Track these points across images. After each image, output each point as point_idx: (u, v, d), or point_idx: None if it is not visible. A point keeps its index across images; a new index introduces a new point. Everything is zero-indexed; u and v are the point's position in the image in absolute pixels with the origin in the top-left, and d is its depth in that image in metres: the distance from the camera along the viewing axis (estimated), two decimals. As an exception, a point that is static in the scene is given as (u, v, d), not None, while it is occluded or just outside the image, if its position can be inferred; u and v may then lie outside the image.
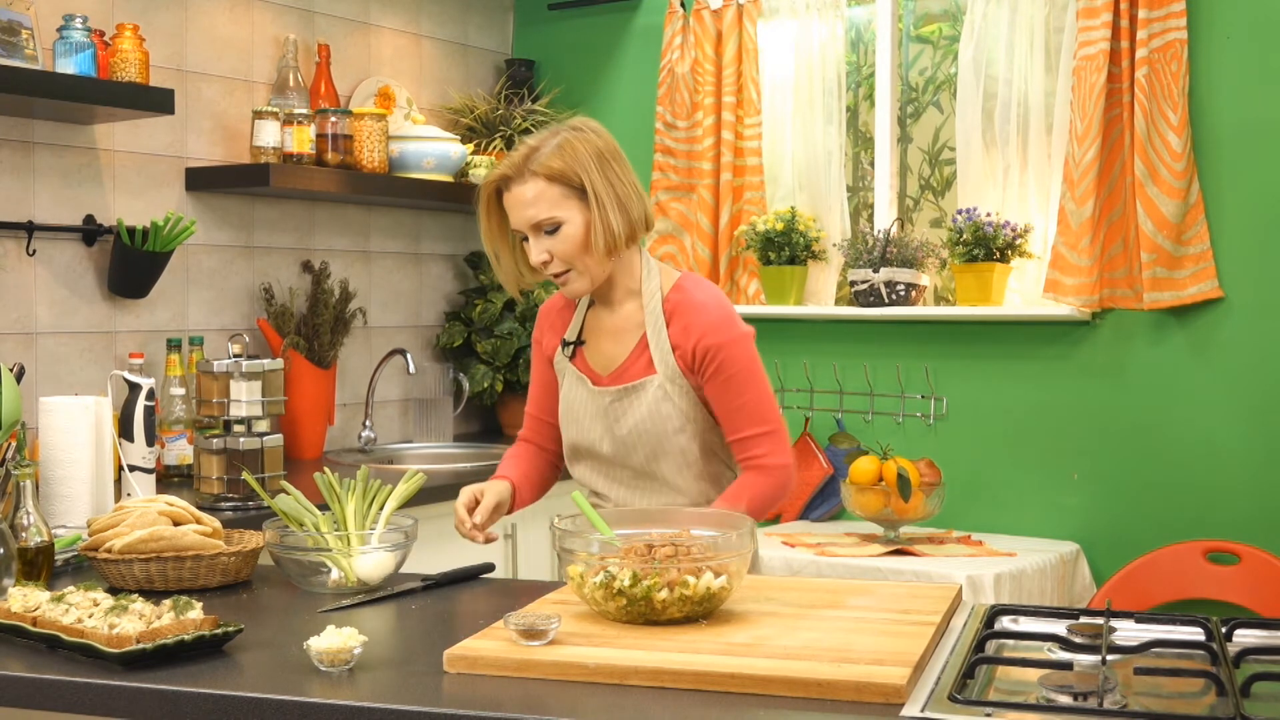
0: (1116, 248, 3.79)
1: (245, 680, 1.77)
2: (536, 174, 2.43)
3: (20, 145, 3.41)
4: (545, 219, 2.44)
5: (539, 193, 2.43)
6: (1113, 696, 1.61)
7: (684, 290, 2.53)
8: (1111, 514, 3.87)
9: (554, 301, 2.70)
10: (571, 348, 2.61)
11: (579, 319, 2.63)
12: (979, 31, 4.02)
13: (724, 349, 2.48)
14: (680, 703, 1.65)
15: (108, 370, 3.50)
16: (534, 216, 2.43)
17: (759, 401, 2.50)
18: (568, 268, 2.47)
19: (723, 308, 2.53)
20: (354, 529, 2.33)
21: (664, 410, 2.50)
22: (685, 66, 4.43)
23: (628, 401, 2.52)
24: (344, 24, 4.27)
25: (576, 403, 2.59)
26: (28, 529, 2.26)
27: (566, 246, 2.44)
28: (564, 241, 2.44)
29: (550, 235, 2.45)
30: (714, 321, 2.49)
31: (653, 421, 2.51)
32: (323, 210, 4.19)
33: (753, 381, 2.50)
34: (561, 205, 2.43)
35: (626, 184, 2.49)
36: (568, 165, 2.43)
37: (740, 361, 2.49)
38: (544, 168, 2.43)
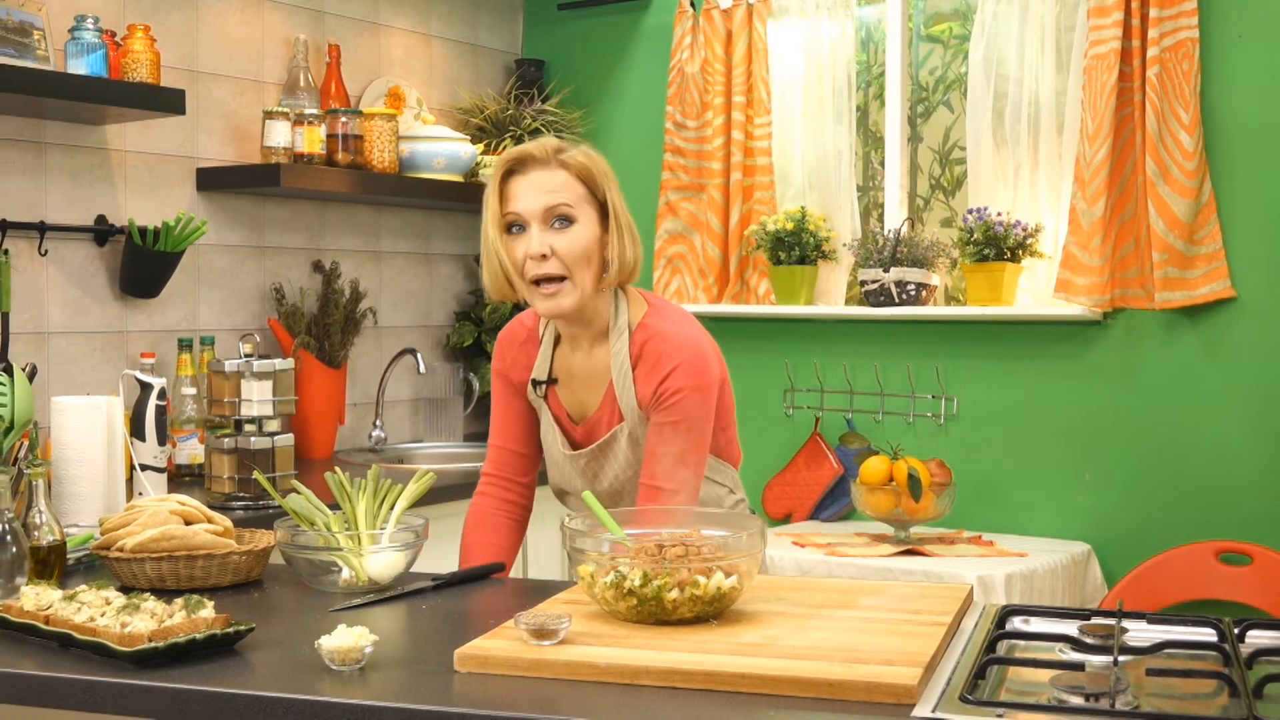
0: (1128, 247, 3.78)
1: (256, 679, 1.77)
2: (567, 165, 2.32)
3: (32, 146, 3.42)
4: (564, 206, 2.30)
5: (565, 183, 2.31)
6: (1125, 697, 1.60)
7: (650, 330, 2.38)
8: (1123, 514, 3.86)
9: (515, 331, 2.56)
10: (544, 387, 2.50)
11: (546, 357, 2.49)
12: (989, 31, 4.01)
13: (680, 394, 2.34)
14: (691, 702, 1.65)
15: (119, 370, 3.51)
16: (552, 201, 2.29)
17: (684, 457, 2.35)
18: (564, 274, 2.31)
19: (691, 350, 2.37)
20: (365, 528, 2.33)
21: (638, 455, 2.42)
22: (695, 66, 4.42)
23: (602, 460, 2.46)
24: (354, 24, 4.28)
25: (554, 453, 2.51)
26: (40, 528, 2.26)
27: (573, 248, 2.31)
28: (572, 242, 2.31)
29: (559, 230, 2.31)
30: (678, 365, 2.34)
31: (632, 469, 2.44)
32: (333, 210, 4.20)
33: (690, 436, 2.35)
34: (580, 205, 2.32)
35: (629, 218, 2.38)
36: (597, 172, 2.34)
37: (686, 410, 2.35)
38: (575, 163, 2.32)
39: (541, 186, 2.30)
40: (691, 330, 2.42)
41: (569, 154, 2.34)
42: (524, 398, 2.56)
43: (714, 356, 2.44)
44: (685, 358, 2.35)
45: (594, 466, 2.48)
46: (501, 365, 2.57)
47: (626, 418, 2.41)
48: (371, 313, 4.25)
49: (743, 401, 4.42)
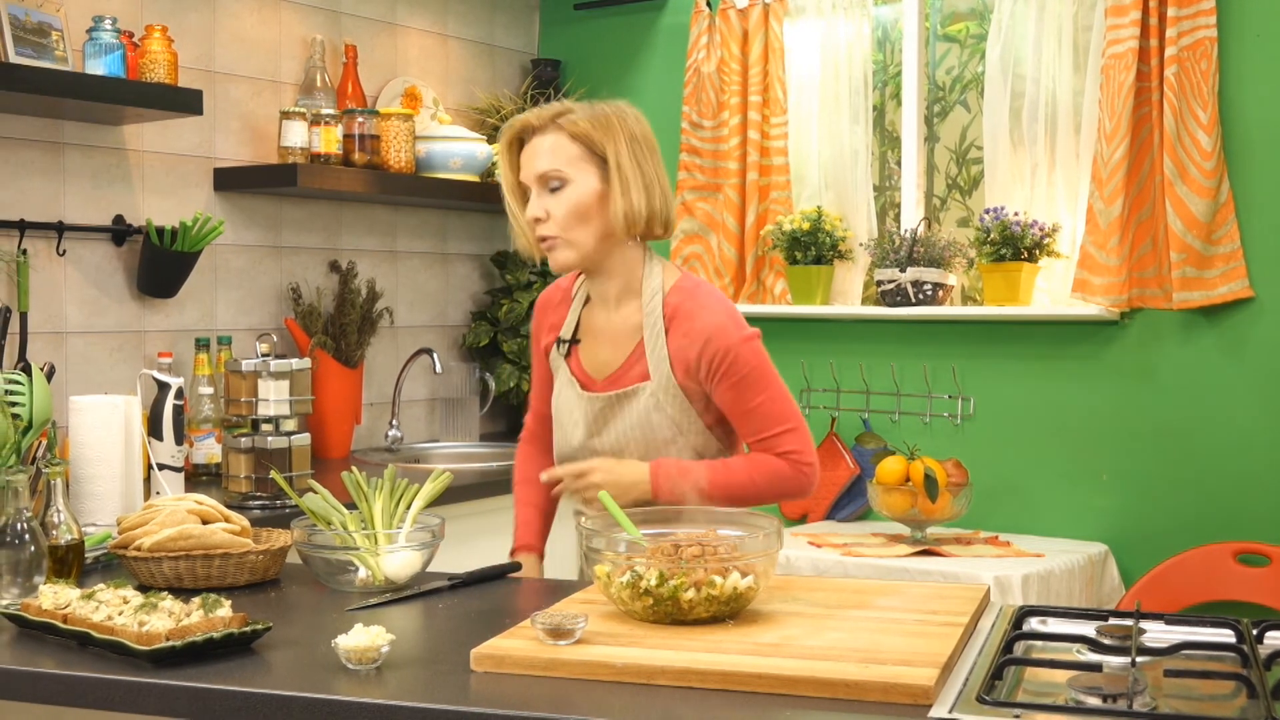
0: (1145, 247, 3.77)
1: (274, 678, 1.78)
2: (561, 128, 2.38)
3: (50, 146, 3.43)
4: (552, 172, 2.37)
5: (556, 146, 2.37)
6: (1142, 699, 1.60)
7: (685, 292, 2.43)
8: (1140, 515, 3.85)
9: (551, 294, 2.62)
10: (566, 346, 2.54)
11: (574, 315, 2.54)
12: (1006, 30, 4.00)
13: (732, 351, 2.38)
14: (707, 703, 1.65)
15: (137, 369, 3.52)
16: (541, 168, 2.37)
17: (775, 400, 2.42)
18: (558, 234, 2.38)
19: (726, 309, 2.43)
20: (381, 528, 2.33)
21: (654, 420, 2.44)
22: (711, 66, 4.42)
23: (617, 408, 2.46)
24: (371, 24, 4.28)
25: (564, 407, 2.53)
26: (58, 527, 2.27)
27: (565, 209, 2.37)
28: (564, 203, 2.37)
29: (553, 193, 2.38)
30: (719, 325, 2.39)
31: (641, 430, 2.44)
32: (350, 210, 4.21)
33: (766, 381, 2.41)
34: (575, 165, 2.37)
35: (653, 172, 2.41)
36: (596, 130, 2.37)
37: (750, 362, 2.39)
38: (571, 124, 2.37)
39: (536, 153, 2.39)
40: (721, 296, 2.47)
41: (570, 115, 2.39)
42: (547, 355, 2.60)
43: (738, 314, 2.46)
44: (720, 319, 2.40)
45: (605, 415, 2.46)
46: (535, 327, 2.64)
47: (654, 377, 2.42)
48: (388, 312, 4.26)
49: (759, 401, 4.43)
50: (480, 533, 3.49)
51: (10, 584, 2.16)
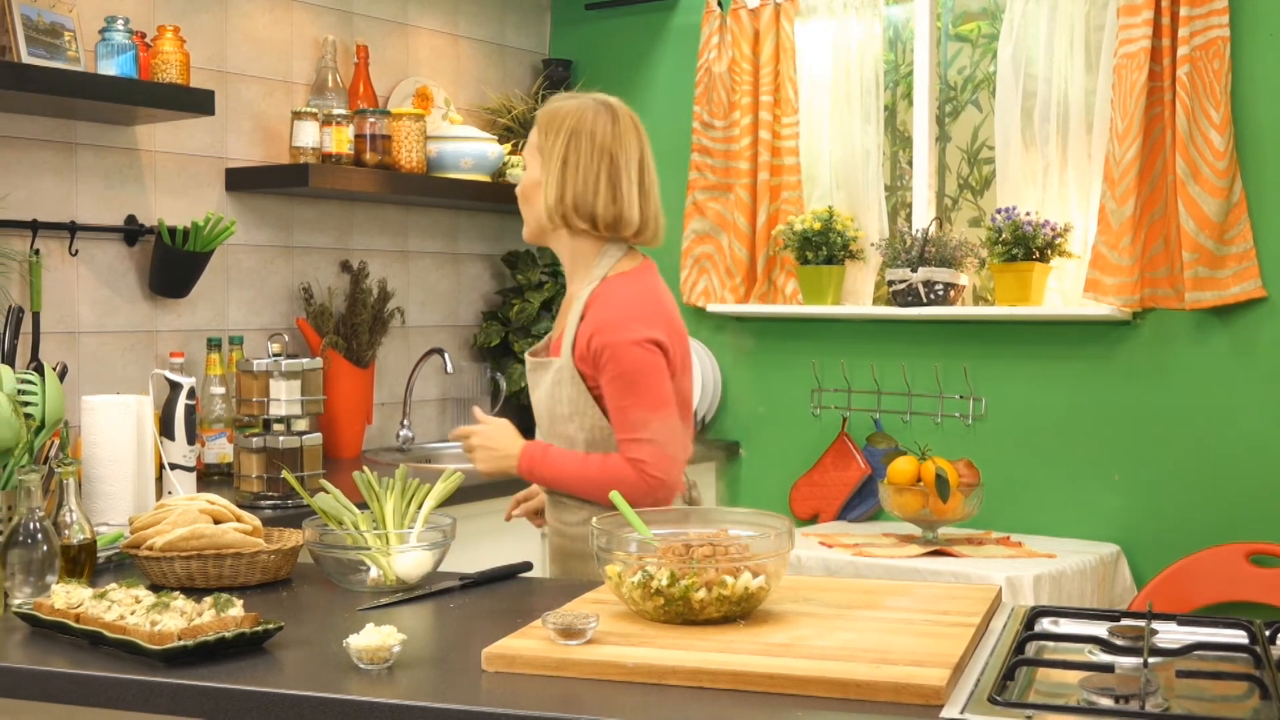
0: (1158, 247, 3.76)
1: (285, 678, 1.78)
2: (535, 118, 2.65)
3: (63, 146, 3.44)
4: (525, 157, 2.65)
5: (532, 134, 2.63)
6: (1155, 699, 1.59)
7: (612, 284, 2.55)
8: (1152, 515, 3.84)
9: None
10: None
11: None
12: (1018, 30, 3.99)
13: (613, 348, 2.48)
14: (718, 703, 1.65)
15: (149, 369, 3.53)
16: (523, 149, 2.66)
17: (643, 408, 2.48)
18: (520, 208, 2.66)
19: (635, 309, 2.51)
20: (393, 527, 2.33)
21: (556, 394, 2.58)
22: (723, 66, 4.42)
23: (536, 376, 2.66)
24: (382, 25, 4.29)
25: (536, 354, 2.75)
26: (70, 526, 2.27)
27: (520, 187, 2.65)
28: (520, 183, 2.65)
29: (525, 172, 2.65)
30: (613, 320, 2.50)
31: (549, 403, 2.61)
32: (361, 210, 4.21)
33: (640, 387, 2.48)
34: (531, 152, 2.62)
35: (582, 171, 2.55)
36: (547, 124, 2.59)
37: (629, 364, 2.48)
38: (538, 116, 2.64)
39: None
40: (641, 296, 2.55)
41: (544, 108, 2.65)
42: None
43: (661, 326, 2.53)
44: (618, 315, 2.51)
45: (531, 379, 2.68)
46: None
47: (561, 355, 2.58)
48: (399, 312, 4.27)
49: (770, 401, 4.43)
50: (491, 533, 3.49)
51: (23, 583, 2.17)
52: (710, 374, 4.47)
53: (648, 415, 2.48)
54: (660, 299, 2.58)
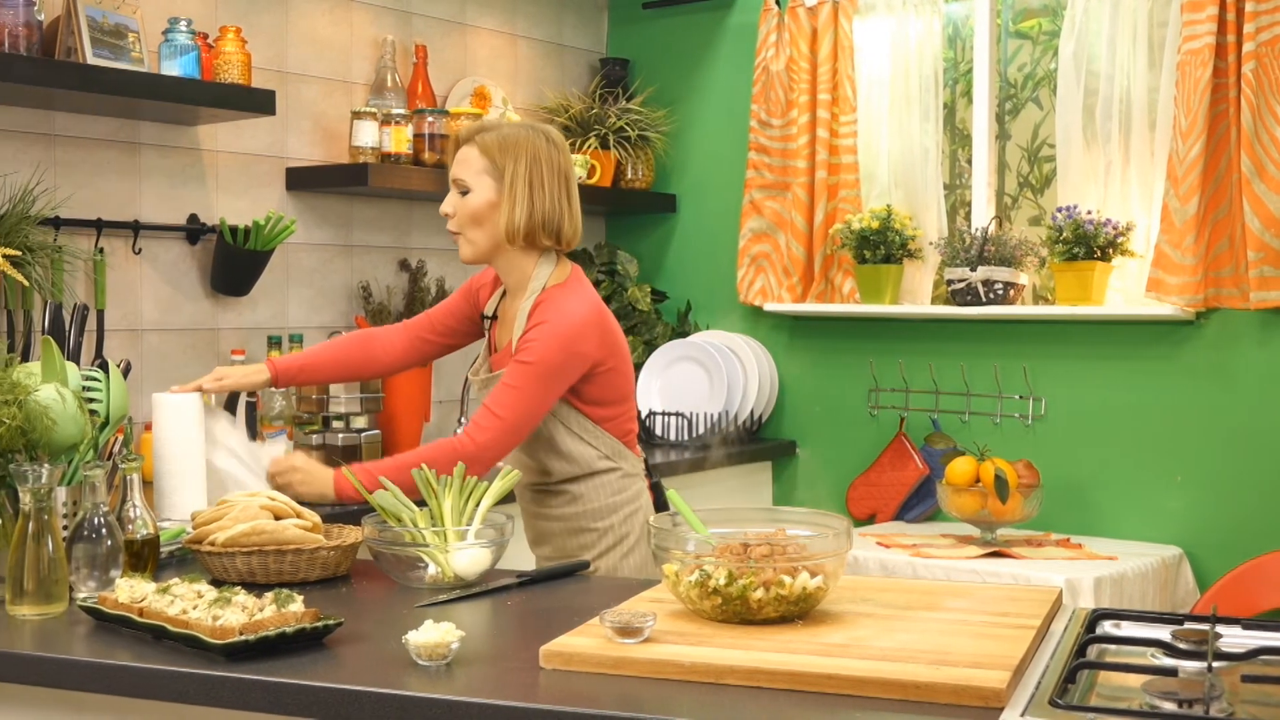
0: (1222, 245, 3.71)
1: (345, 673, 1.79)
2: (474, 144, 2.75)
3: (127, 146, 3.48)
4: (460, 180, 2.75)
5: (469, 158, 2.75)
6: (1219, 704, 1.57)
7: (551, 295, 2.74)
8: (1216, 518, 3.80)
9: (487, 273, 2.97)
10: (488, 321, 2.90)
11: (496, 299, 2.90)
12: (1080, 26, 3.96)
13: (531, 336, 2.68)
14: (776, 703, 1.64)
15: (210, 366, 3.56)
16: (456, 174, 2.76)
17: (510, 390, 2.67)
18: (459, 231, 2.77)
19: (567, 321, 2.68)
20: (451, 525, 2.34)
21: None
22: (780, 64, 4.41)
23: (485, 392, 2.79)
24: (441, 25, 4.31)
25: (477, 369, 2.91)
26: (134, 521, 2.30)
27: (465, 211, 2.74)
28: (465, 206, 2.75)
29: (461, 196, 2.75)
30: (544, 318, 2.69)
31: None
32: (419, 209, 4.23)
33: (522, 374, 2.66)
34: (479, 177, 2.73)
35: (548, 192, 2.74)
36: (501, 150, 2.73)
37: (532, 353, 2.66)
38: (482, 141, 2.74)
39: (457, 160, 2.78)
40: (581, 306, 2.74)
41: (486, 134, 2.76)
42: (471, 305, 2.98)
43: (593, 333, 2.72)
44: (558, 323, 2.69)
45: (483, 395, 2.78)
46: (477, 284, 2.99)
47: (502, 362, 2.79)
48: (457, 311, 4.28)
49: (827, 400, 4.42)
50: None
51: (87, 577, 2.19)
52: (766, 373, 4.45)
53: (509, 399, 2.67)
54: (599, 308, 2.77)
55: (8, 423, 2.20)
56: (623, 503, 2.80)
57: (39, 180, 3.27)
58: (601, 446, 2.80)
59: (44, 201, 3.25)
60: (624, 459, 2.83)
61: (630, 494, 2.82)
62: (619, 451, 2.82)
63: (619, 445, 2.82)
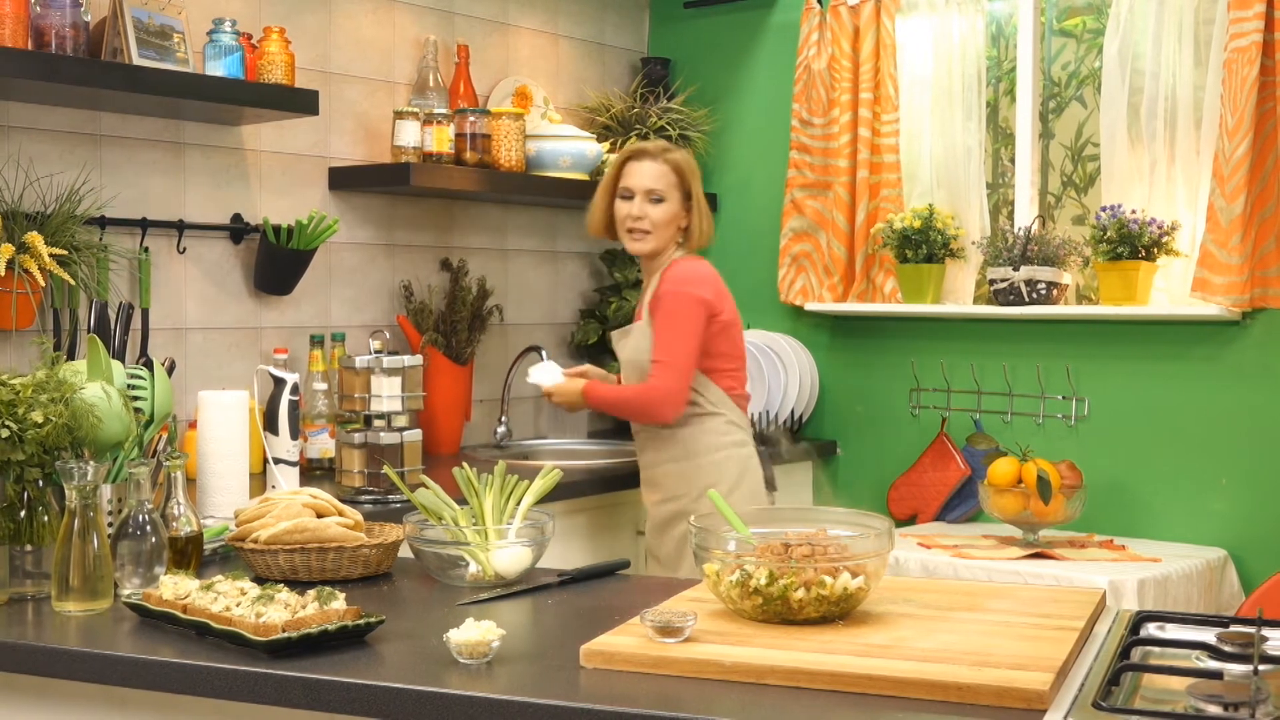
0: (1269, 245, 3.68)
1: (386, 670, 1.80)
2: (667, 162, 3.40)
3: (172, 146, 3.51)
4: (660, 190, 3.37)
5: (663, 174, 3.39)
6: (1265, 708, 1.56)
7: (677, 264, 3.38)
8: (1261, 520, 3.76)
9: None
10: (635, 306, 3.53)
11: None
12: (1125, 24, 3.92)
13: (668, 293, 3.30)
14: (817, 703, 1.64)
15: (253, 365, 3.59)
16: (652, 185, 3.37)
17: (667, 338, 3.28)
18: (650, 230, 3.37)
19: (690, 275, 3.34)
20: (492, 523, 2.35)
21: (642, 345, 3.34)
22: (822, 63, 4.40)
23: (622, 343, 3.45)
24: (483, 24, 4.32)
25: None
26: (178, 519, 2.32)
27: (661, 216, 3.37)
28: (661, 213, 3.37)
29: (653, 204, 3.37)
30: (674, 275, 3.34)
31: (634, 356, 3.37)
32: (461, 208, 4.25)
33: (671, 323, 3.28)
34: (671, 190, 3.39)
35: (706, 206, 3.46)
36: (686, 169, 3.42)
37: (671, 305, 3.29)
38: (673, 161, 3.41)
39: (650, 173, 3.39)
40: (698, 272, 3.38)
41: (673, 154, 3.43)
42: None
43: (708, 287, 3.35)
44: (679, 275, 3.34)
45: (619, 344, 3.47)
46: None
47: (643, 316, 3.39)
48: (498, 310, 4.30)
49: (869, 400, 4.40)
50: (589, 530, 3.51)
51: (132, 574, 2.22)
52: (807, 373, 4.44)
53: (670, 346, 3.27)
54: (712, 269, 3.42)
55: (54, 420, 2.22)
56: (725, 444, 3.35)
57: (85, 180, 3.30)
58: (708, 394, 3.36)
59: (90, 201, 3.28)
60: (728, 409, 3.38)
61: (733, 440, 3.37)
62: (723, 400, 3.38)
63: (724, 396, 3.38)
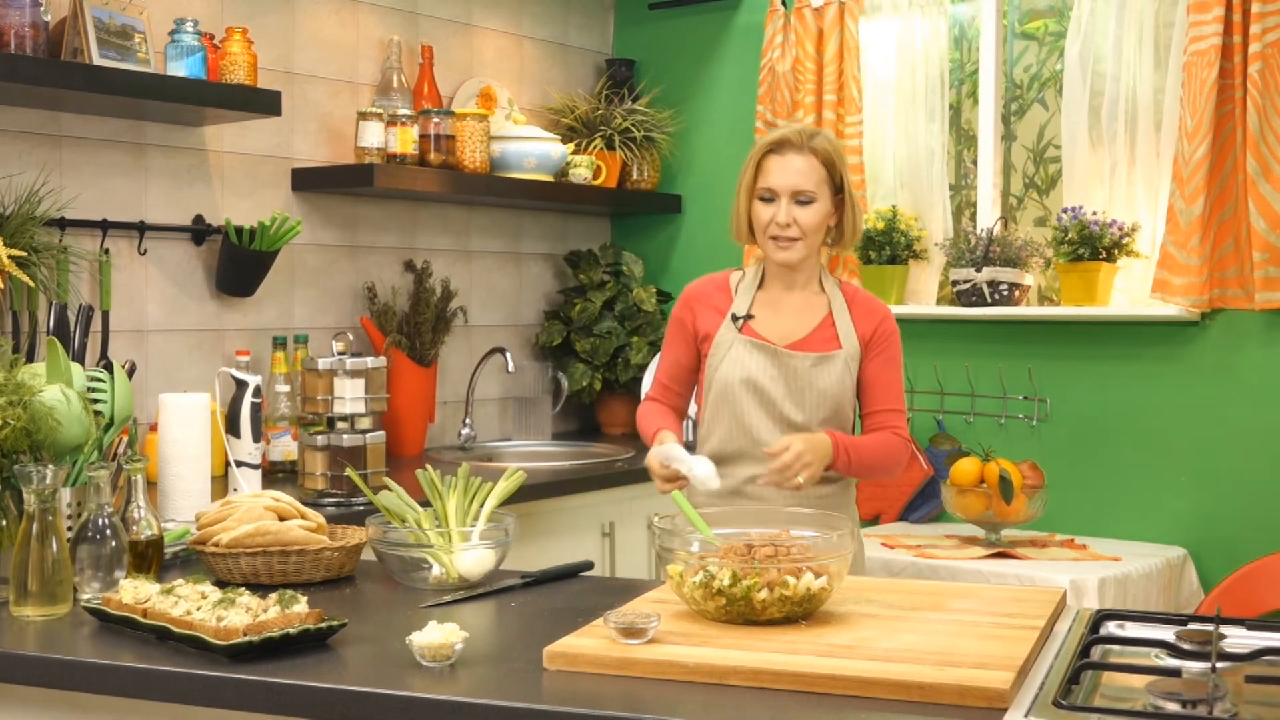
0: (1227, 246, 3.71)
1: (349, 674, 1.79)
2: (815, 152, 2.80)
3: (133, 147, 3.48)
4: (808, 191, 2.79)
5: (812, 168, 2.80)
6: (1223, 705, 1.57)
7: (853, 286, 2.97)
8: (1220, 519, 3.79)
9: (704, 286, 2.97)
10: (742, 321, 2.86)
11: (748, 297, 2.90)
12: (1086, 27, 3.95)
13: (895, 332, 2.89)
14: (779, 703, 1.64)
15: (215, 367, 3.57)
16: (800, 184, 2.79)
17: (898, 385, 2.89)
18: (800, 236, 2.80)
19: (882, 304, 2.94)
20: (455, 525, 2.35)
21: (846, 381, 2.83)
22: (786, 65, 4.41)
23: (821, 370, 2.81)
24: (447, 25, 4.31)
25: (755, 367, 2.83)
26: (138, 523, 2.30)
27: (812, 220, 2.80)
28: (812, 215, 2.80)
29: (801, 206, 2.79)
30: (889, 310, 2.93)
31: (838, 389, 2.82)
32: (425, 210, 4.24)
33: (900, 365, 2.90)
34: (821, 187, 2.81)
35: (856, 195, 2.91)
36: (836, 157, 2.83)
37: (897, 347, 2.89)
38: (823, 153, 2.81)
39: (794, 169, 2.80)
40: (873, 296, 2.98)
41: (817, 141, 2.82)
42: (693, 347, 2.93)
43: None
44: (888, 311, 2.93)
45: (811, 375, 2.81)
46: (688, 313, 2.95)
47: (844, 346, 2.84)
48: (462, 312, 4.29)
49: (832, 402, 4.41)
50: (552, 531, 3.50)
51: (92, 578, 2.20)
52: (772, 374, 4.44)
53: (903, 392, 2.90)
54: None
55: (13, 424, 2.20)
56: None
57: (44, 181, 3.27)
58: None
59: (50, 202, 3.26)
60: None
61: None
62: None
63: None
